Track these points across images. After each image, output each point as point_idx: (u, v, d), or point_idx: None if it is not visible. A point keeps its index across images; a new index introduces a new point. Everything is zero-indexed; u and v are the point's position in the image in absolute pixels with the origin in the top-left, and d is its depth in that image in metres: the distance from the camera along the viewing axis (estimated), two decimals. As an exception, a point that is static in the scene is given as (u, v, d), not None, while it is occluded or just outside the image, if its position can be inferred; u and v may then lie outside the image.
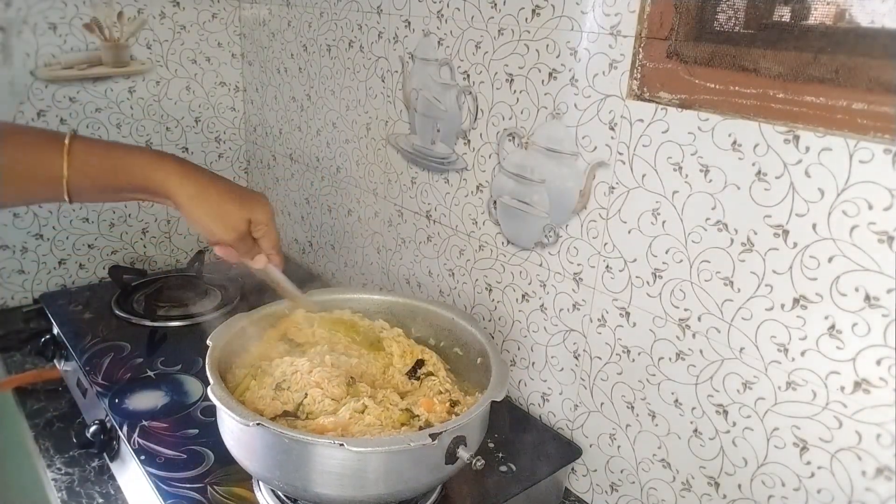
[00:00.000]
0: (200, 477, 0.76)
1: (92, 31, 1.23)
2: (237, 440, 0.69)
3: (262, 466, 0.67)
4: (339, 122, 1.20)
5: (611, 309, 0.80)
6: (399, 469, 0.65)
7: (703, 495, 0.74)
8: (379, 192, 1.14)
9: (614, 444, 0.83)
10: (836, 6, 0.55)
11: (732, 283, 0.66)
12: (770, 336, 0.64)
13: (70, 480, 0.85)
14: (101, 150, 0.70)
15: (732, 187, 0.65)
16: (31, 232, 1.27)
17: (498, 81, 0.86)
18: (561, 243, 0.84)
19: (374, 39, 1.06)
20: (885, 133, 0.53)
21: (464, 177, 0.96)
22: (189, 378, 0.96)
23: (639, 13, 0.69)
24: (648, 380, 0.77)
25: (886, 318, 0.56)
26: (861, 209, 0.56)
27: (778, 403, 0.65)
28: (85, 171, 0.68)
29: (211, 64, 1.40)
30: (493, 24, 0.85)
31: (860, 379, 0.58)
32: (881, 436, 0.58)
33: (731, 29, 0.62)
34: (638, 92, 0.71)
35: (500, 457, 0.84)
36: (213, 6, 1.37)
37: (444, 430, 0.63)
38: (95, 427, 0.87)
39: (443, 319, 0.87)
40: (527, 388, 0.94)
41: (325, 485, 0.64)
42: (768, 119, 0.61)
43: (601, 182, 0.77)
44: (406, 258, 1.12)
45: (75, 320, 1.11)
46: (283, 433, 0.62)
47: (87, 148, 0.69)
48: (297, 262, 1.45)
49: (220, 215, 0.72)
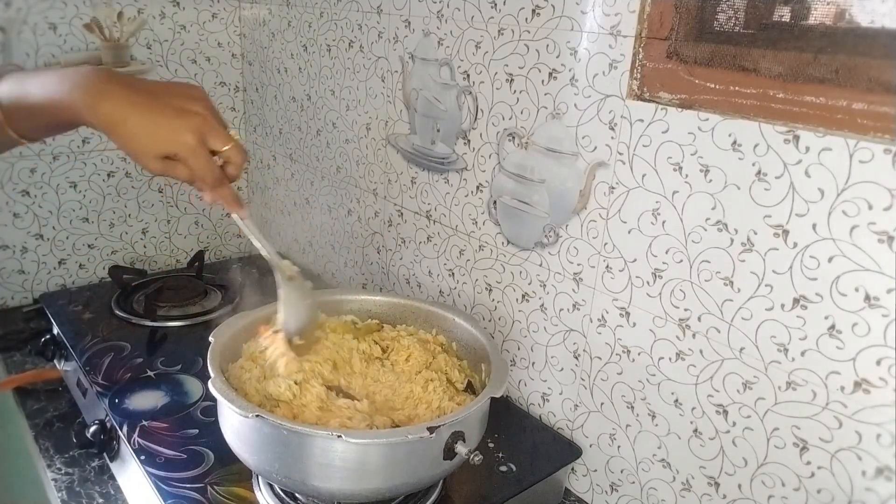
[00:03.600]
0: (200, 477, 0.76)
1: (92, 31, 1.23)
2: (237, 433, 0.69)
3: (261, 459, 0.67)
4: (339, 122, 1.20)
5: (611, 309, 0.80)
6: (396, 463, 0.65)
7: (703, 495, 0.74)
8: (379, 192, 1.14)
9: (614, 444, 0.83)
10: (836, 6, 0.55)
11: (732, 283, 0.66)
12: (770, 336, 0.64)
13: (70, 480, 0.85)
14: (20, 92, 0.62)
15: (732, 187, 0.65)
16: (31, 232, 1.27)
17: (498, 81, 0.86)
18: (561, 243, 0.84)
19: (374, 39, 1.06)
20: (885, 133, 0.53)
21: (464, 177, 0.96)
22: (189, 378, 0.96)
23: (639, 13, 0.69)
24: (648, 380, 0.77)
25: (886, 318, 0.56)
26: (861, 209, 0.56)
27: (778, 403, 0.65)
28: (15, 114, 0.62)
29: (211, 64, 1.40)
30: (493, 24, 0.85)
31: (860, 379, 0.58)
32: (881, 436, 0.58)
33: (731, 29, 0.62)
34: (638, 92, 0.71)
35: (500, 457, 0.84)
36: (213, 6, 1.37)
37: (442, 423, 0.63)
38: (95, 427, 0.87)
39: (443, 319, 0.87)
40: (527, 387, 0.94)
41: (324, 477, 0.64)
42: (768, 119, 0.61)
43: (601, 182, 0.77)
44: (406, 258, 1.12)
45: (75, 320, 1.11)
46: (281, 424, 0.63)
47: (10, 90, 0.62)
48: (297, 262, 1.45)
49: (149, 134, 0.60)
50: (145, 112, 0.60)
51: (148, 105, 0.60)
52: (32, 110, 0.62)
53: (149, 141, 0.60)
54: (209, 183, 0.65)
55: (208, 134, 0.62)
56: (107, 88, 0.60)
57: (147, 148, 0.61)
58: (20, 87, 0.63)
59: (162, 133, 0.60)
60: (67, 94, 0.60)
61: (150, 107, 0.60)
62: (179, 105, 0.61)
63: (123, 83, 0.61)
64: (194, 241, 1.50)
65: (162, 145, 0.61)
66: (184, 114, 0.61)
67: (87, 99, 0.60)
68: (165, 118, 0.60)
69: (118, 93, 0.60)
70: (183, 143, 0.61)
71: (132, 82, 0.62)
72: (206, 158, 0.63)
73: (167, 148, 0.61)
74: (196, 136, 0.61)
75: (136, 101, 0.60)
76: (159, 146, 0.61)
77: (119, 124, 0.60)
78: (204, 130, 0.62)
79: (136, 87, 0.62)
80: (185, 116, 0.61)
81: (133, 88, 0.61)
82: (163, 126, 0.60)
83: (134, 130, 0.60)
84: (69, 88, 0.60)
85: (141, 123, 0.60)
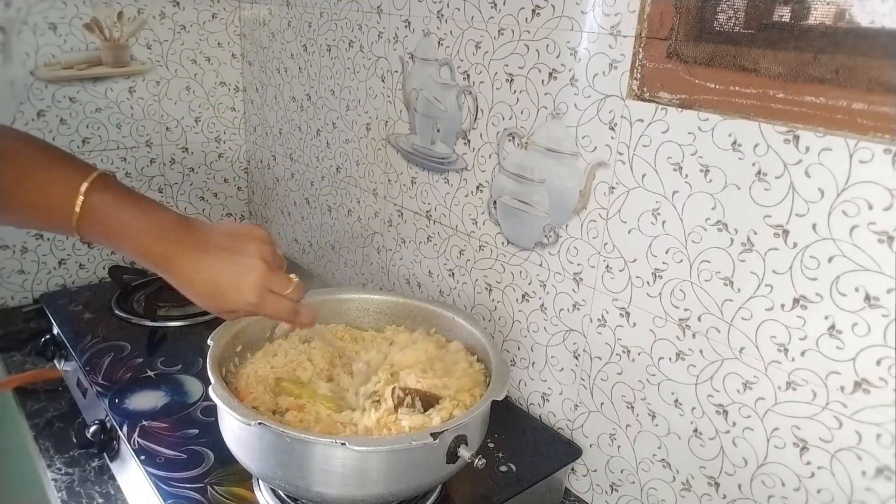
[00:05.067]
0: (200, 477, 0.76)
1: (92, 31, 1.23)
2: (238, 439, 0.69)
3: (263, 466, 0.67)
4: (339, 122, 1.20)
5: (611, 309, 0.80)
6: (400, 468, 0.65)
7: (703, 495, 0.74)
8: (379, 192, 1.14)
9: (614, 444, 0.83)
10: (836, 6, 0.55)
11: (732, 283, 0.66)
12: (770, 336, 0.64)
13: (70, 480, 0.85)
14: (115, 208, 0.63)
15: (732, 187, 0.65)
16: (31, 232, 1.27)
17: (498, 81, 0.86)
18: (561, 243, 0.84)
19: (374, 39, 1.06)
20: (885, 133, 0.53)
21: (464, 177, 0.96)
22: (189, 378, 0.96)
23: (639, 13, 0.69)
24: (648, 380, 0.77)
25: (886, 318, 0.56)
26: (861, 209, 0.56)
27: (778, 403, 0.65)
28: (94, 223, 0.63)
29: (211, 64, 1.40)
30: (493, 24, 0.85)
31: (860, 379, 0.58)
32: (881, 436, 0.58)
33: (731, 29, 0.62)
34: (638, 92, 0.71)
35: (500, 457, 0.84)
36: (213, 6, 1.37)
37: (445, 428, 0.63)
38: (95, 427, 0.87)
39: (443, 319, 0.87)
40: (527, 388, 0.94)
41: (327, 484, 0.64)
42: (768, 119, 0.61)
43: (601, 182, 0.77)
44: (406, 258, 1.12)
45: (75, 320, 1.11)
46: (284, 432, 0.62)
47: (103, 198, 0.63)
48: (298, 262, 1.45)
49: (213, 295, 0.65)
50: (208, 276, 0.64)
51: (209, 265, 0.64)
52: (110, 242, 0.65)
53: (214, 304, 0.65)
54: (286, 321, 0.69)
55: (269, 286, 0.65)
56: (177, 254, 0.64)
57: (217, 308, 0.66)
58: (110, 216, 0.63)
59: (224, 298, 0.65)
60: (146, 253, 0.64)
61: (211, 267, 0.64)
62: (240, 261, 0.65)
63: (192, 244, 0.65)
64: (194, 241, 1.49)
65: (229, 305, 0.65)
66: (244, 275, 0.64)
67: (162, 263, 0.64)
68: (226, 279, 0.64)
69: (187, 258, 0.64)
70: (245, 303, 0.65)
71: (201, 240, 0.65)
72: (273, 306, 0.66)
73: (233, 307, 0.66)
74: (256, 293, 0.65)
75: (199, 265, 0.64)
76: (227, 306, 0.65)
77: (186, 287, 0.65)
78: (263, 284, 0.65)
79: (203, 244, 0.65)
80: (245, 277, 0.64)
81: (199, 248, 0.64)
82: (225, 289, 0.64)
83: (201, 293, 0.65)
84: (150, 245, 0.64)
85: (206, 288, 0.64)
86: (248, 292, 0.64)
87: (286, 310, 0.67)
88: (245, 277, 0.64)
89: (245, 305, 0.65)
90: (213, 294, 0.64)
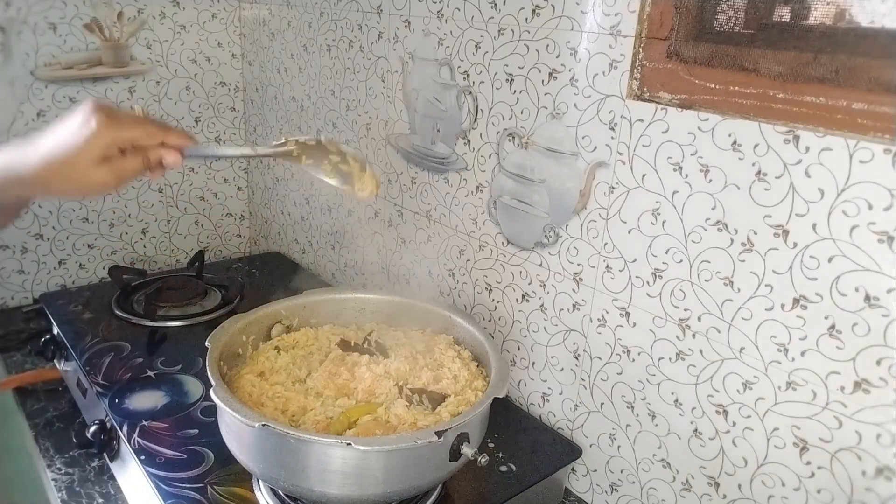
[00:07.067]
0: (200, 477, 0.76)
1: (92, 31, 1.23)
2: (240, 441, 0.69)
3: (266, 467, 0.67)
4: (339, 122, 1.20)
5: (611, 309, 0.80)
6: (404, 466, 0.65)
7: (703, 495, 0.74)
8: (379, 192, 1.14)
9: (614, 444, 0.83)
10: (836, 6, 0.55)
11: (732, 283, 0.66)
12: (770, 336, 0.64)
13: (70, 480, 0.85)
14: None
15: (732, 187, 0.65)
16: (31, 232, 1.27)
17: (498, 81, 0.86)
18: (561, 243, 0.84)
19: (374, 39, 1.06)
20: (885, 133, 0.53)
21: (464, 177, 0.96)
22: (189, 378, 0.96)
23: (639, 13, 0.69)
24: (648, 380, 0.77)
25: (886, 318, 0.56)
26: (861, 209, 0.56)
27: (778, 403, 0.65)
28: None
29: (211, 64, 1.40)
30: (493, 24, 0.85)
31: (860, 379, 0.58)
32: (881, 436, 0.58)
33: (731, 29, 0.62)
34: (638, 92, 0.71)
35: (500, 457, 0.84)
36: (213, 6, 1.37)
37: (449, 427, 0.64)
38: (95, 427, 0.87)
39: (443, 319, 0.86)
40: (527, 387, 0.94)
41: (331, 484, 0.64)
42: (768, 119, 0.61)
43: (601, 182, 0.77)
44: (406, 258, 1.12)
45: (75, 320, 1.11)
46: (288, 433, 0.62)
47: None
48: (298, 262, 1.45)
49: (65, 169, 0.60)
50: (51, 156, 0.60)
51: (49, 148, 0.60)
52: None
53: (75, 181, 0.60)
54: (153, 134, 0.62)
55: (115, 129, 0.60)
56: (23, 166, 0.61)
57: (83, 183, 0.61)
58: None
59: (76, 168, 0.60)
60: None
61: (53, 148, 0.60)
62: (71, 123, 0.60)
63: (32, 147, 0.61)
64: (194, 241, 1.50)
65: (87, 172, 0.60)
66: (80, 131, 0.60)
67: (13, 178, 0.61)
68: (65, 146, 0.60)
69: (30, 157, 0.60)
70: (97, 152, 0.60)
71: (36, 139, 0.61)
72: (120, 131, 0.60)
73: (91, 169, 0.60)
74: (103, 142, 0.60)
75: (40, 153, 0.60)
76: (86, 174, 0.60)
77: (42, 183, 0.61)
78: (98, 125, 0.59)
79: (38, 140, 0.61)
80: (82, 130, 0.59)
81: (36, 145, 0.61)
82: (72, 158, 0.60)
83: (56, 177, 0.60)
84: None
85: (58, 167, 0.60)
86: (94, 143, 0.59)
87: (144, 127, 0.62)
88: (81, 131, 0.59)
89: (98, 151, 0.59)
90: (64, 167, 0.59)
